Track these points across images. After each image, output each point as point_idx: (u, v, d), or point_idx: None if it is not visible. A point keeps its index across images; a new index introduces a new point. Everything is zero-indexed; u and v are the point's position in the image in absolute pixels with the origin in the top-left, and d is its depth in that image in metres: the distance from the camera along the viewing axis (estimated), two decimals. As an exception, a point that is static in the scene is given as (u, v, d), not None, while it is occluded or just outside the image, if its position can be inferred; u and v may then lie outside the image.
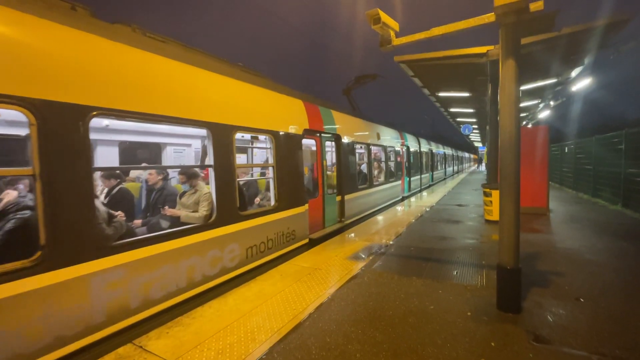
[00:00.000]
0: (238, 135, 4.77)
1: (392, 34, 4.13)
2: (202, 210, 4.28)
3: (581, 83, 10.48)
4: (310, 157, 7.48)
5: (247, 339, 2.94)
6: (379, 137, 10.81)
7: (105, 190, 4.85)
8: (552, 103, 14.54)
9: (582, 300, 3.57)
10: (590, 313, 3.28)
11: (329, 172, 7.93)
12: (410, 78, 9.34)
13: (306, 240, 6.24)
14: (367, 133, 9.82)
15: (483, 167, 40.19)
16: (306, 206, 6.24)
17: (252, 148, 8.34)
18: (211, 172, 4.20)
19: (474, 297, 3.72)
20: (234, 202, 4.47)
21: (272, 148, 5.37)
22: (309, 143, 7.18)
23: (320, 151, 7.12)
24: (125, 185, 5.13)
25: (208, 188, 4.45)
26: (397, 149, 12.87)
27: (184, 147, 7.69)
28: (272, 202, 5.46)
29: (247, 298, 3.81)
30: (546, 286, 3.96)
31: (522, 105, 10.22)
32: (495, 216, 7.77)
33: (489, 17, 3.41)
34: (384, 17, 3.91)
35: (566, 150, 15.08)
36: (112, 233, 3.60)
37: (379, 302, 3.64)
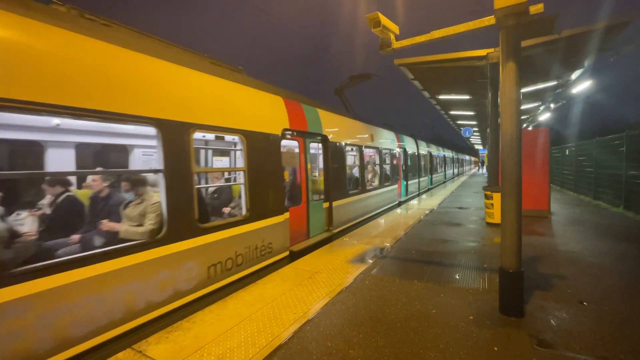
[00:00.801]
0: (207, 136, 4.28)
1: (392, 37, 4.14)
2: (148, 224, 3.65)
3: (581, 85, 10.48)
4: (292, 160, 6.68)
5: (248, 344, 2.92)
6: (372, 139, 10.34)
7: (51, 198, 4.37)
8: (552, 105, 14.54)
9: (585, 303, 3.54)
10: (593, 317, 3.25)
11: (315, 177, 7.42)
12: (410, 81, 9.35)
13: (286, 254, 5.60)
14: (359, 134, 9.34)
15: (484, 170, 40.11)
16: (286, 215, 5.63)
17: (235, 150, 7.77)
18: (161, 178, 3.59)
19: (477, 300, 3.69)
20: (191, 213, 3.84)
21: (243, 150, 4.83)
22: (291, 145, 6.68)
23: (304, 153, 6.55)
24: (74, 192, 4.63)
25: (158, 197, 3.78)
26: (393, 151, 12.54)
27: (155, 150, 7.06)
28: (243, 211, 4.84)
29: (247, 302, 3.79)
30: (549, 289, 3.93)
31: (522, 107, 10.23)
32: (496, 219, 7.75)
33: (489, 20, 3.41)
34: (384, 20, 3.91)
35: (567, 153, 15.08)
36: (11, 257, 3.05)
37: (380, 306, 3.61)
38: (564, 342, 2.81)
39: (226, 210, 5.66)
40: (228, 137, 6.79)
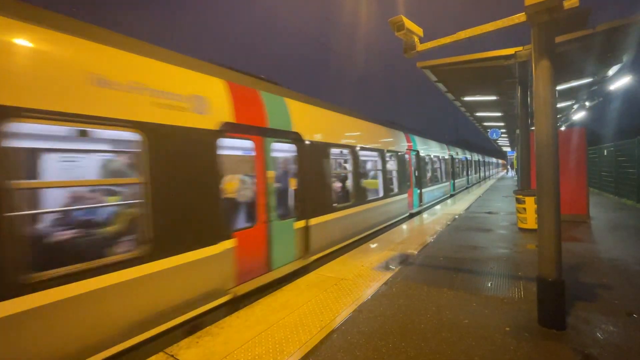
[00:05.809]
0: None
1: (416, 39, 4.08)
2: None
3: (620, 82, 9.84)
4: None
5: (275, 351, 2.91)
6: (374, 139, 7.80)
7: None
8: (587, 104, 13.73)
9: (635, 315, 3.27)
10: (646, 331, 2.99)
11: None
12: (432, 83, 9.15)
13: None
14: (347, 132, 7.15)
15: (513, 173, 38.32)
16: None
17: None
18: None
19: (512, 310, 3.50)
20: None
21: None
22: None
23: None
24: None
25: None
26: (402, 154, 9.92)
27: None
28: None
29: (274, 309, 3.80)
30: (592, 300, 3.66)
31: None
32: (529, 224, 7.37)
33: (520, 18, 3.28)
34: (408, 23, 3.87)
35: (605, 153, 14.16)
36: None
37: (409, 315, 3.50)
38: (614, 358, 2.60)
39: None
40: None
